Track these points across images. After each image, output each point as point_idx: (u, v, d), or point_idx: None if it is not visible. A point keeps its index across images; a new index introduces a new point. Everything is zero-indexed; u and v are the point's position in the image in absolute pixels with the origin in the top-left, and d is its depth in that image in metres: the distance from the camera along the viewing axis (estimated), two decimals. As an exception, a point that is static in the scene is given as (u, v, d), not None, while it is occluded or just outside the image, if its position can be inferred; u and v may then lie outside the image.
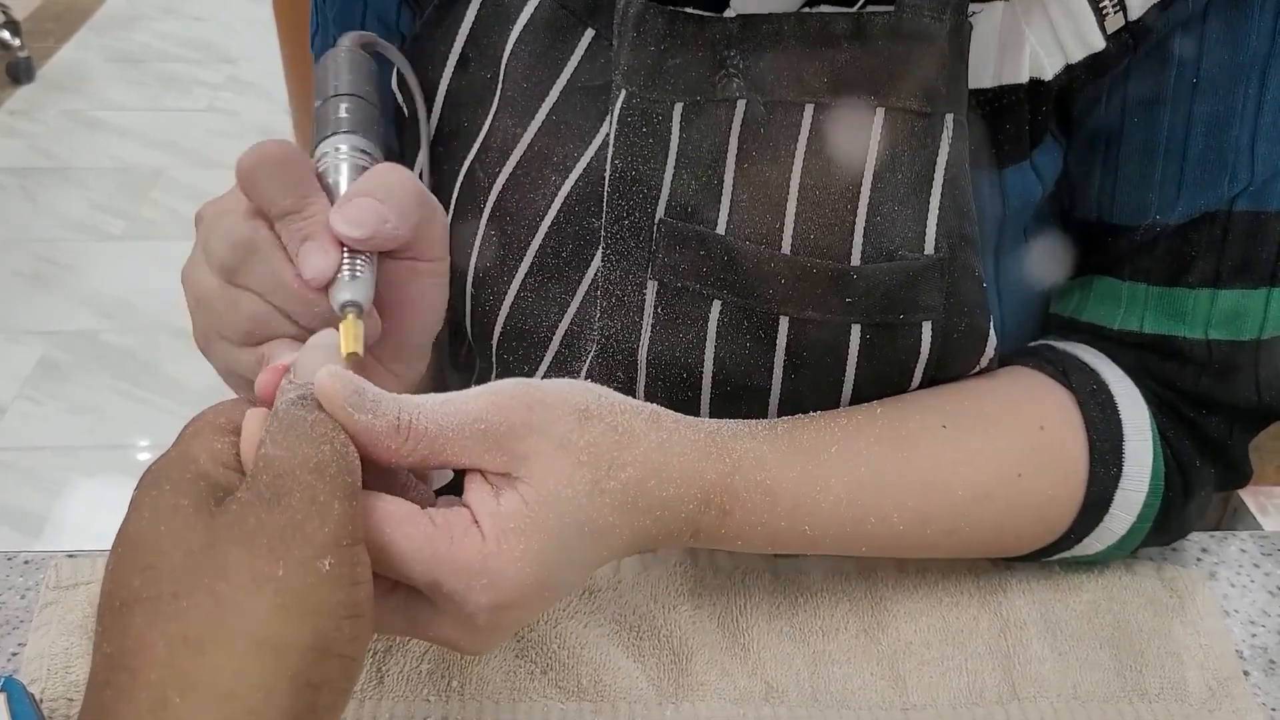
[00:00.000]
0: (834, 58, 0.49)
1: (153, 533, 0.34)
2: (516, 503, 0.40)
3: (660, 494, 0.44)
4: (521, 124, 0.55)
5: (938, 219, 0.49)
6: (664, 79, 0.50)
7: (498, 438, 0.40)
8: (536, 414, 0.41)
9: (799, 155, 0.50)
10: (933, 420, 0.51)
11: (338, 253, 0.42)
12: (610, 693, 0.51)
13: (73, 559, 0.57)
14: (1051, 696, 0.52)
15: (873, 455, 0.50)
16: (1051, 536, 0.54)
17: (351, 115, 0.49)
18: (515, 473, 0.41)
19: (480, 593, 0.39)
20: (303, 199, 0.43)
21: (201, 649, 0.32)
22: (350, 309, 0.42)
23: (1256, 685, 0.54)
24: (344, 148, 0.47)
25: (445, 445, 0.40)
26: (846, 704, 0.51)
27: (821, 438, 0.49)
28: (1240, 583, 0.60)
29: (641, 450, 0.43)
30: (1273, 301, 0.53)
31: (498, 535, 0.40)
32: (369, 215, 0.42)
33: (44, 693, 0.50)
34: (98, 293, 2.18)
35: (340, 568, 0.35)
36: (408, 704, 0.50)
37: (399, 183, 0.44)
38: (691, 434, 0.46)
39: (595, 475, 0.42)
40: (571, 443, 0.42)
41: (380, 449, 0.39)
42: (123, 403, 1.95)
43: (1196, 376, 0.55)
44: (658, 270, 0.52)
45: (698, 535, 0.47)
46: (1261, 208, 0.51)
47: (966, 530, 0.51)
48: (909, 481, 0.50)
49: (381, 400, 0.39)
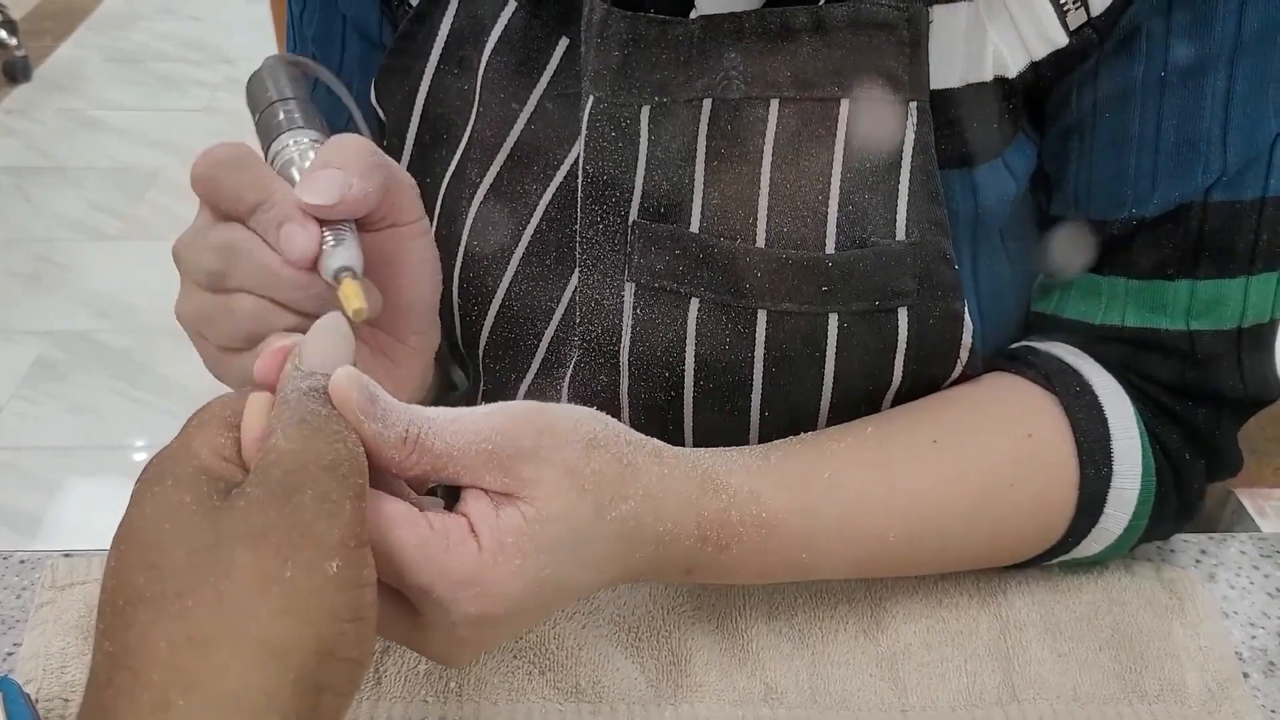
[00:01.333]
0: (796, 52, 0.50)
1: (156, 530, 0.34)
2: (517, 519, 0.40)
3: (657, 529, 0.44)
4: (500, 134, 0.55)
5: (908, 204, 0.50)
6: (630, 82, 0.51)
7: (503, 460, 0.40)
8: (545, 439, 0.41)
9: (768, 150, 0.50)
10: (922, 437, 0.52)
11: (316, 228, 0.42)
12: (609, 694, 0.51)
13: (69, 558, 0.57)
14: (1051, 698, 0.52)
15: (864, 479, 0.50)
16: (1048, 542, 0.54)
17: (291, 114, 0.48)
18: (519, 494, 0.41)
19: (469, 603, 0.39)
20: (265, 189, 0.43)
21: (205, 649, 0.31)
22: (344, 274, 0.42)
23: (1256, 687, 0.54)
24: (292, 142, 0.47)
25: (449, 463, 0.40)
26: (846, 705, 0.51)
27: (813, 465, 0.50)
28: (1240, 584, 0.59)
29: (643, 484, 0.44)
30: (1251, 289, 0.53)
31: (495, 548, 0.39)
32: (333, 181, 0.42)
33: (39, 692, 0.50)
34: (94, 292, 2.17)
35: (347, 570, 0.34)
36: (405, 705, 0.50)
37: (356, 148, 0.44)
38: (690, 470, 0.46)
39: (598, 504, 0.42)
40: (578, 470, 0.41)
41: (385, 459, 0.39)
42: (119, 403, 1.95)
43: (1180, 368, 0.55)
44: (634, 272, 0.52)
45: (691, 572, 0.47)
46: (1236, 197, 0.51)
47: (962, 544, 0.52)
48: (902, 502, 0.50)
49: (393, 410, 0.39)
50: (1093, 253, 0.55)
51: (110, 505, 1.31)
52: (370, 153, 0.44)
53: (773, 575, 0.50)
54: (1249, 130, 0.50)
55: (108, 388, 1.98)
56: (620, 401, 0.55)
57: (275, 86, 0.50)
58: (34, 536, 1.70)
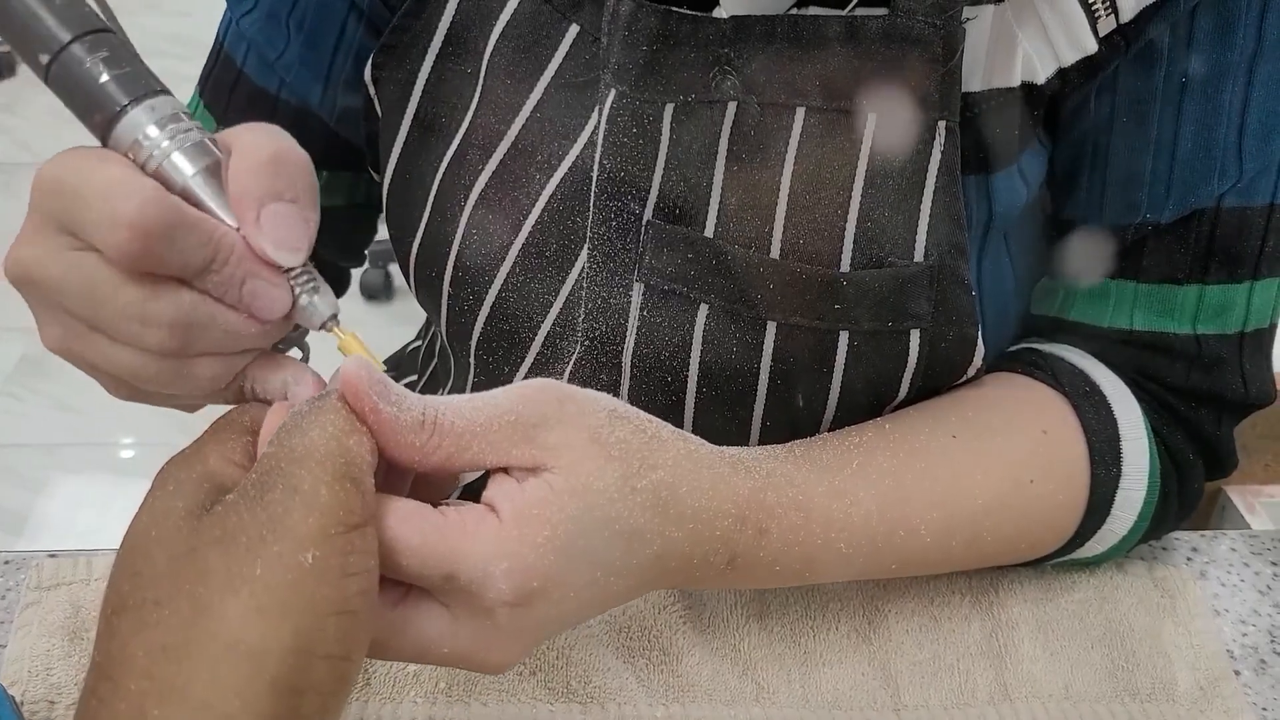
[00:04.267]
0: (826, 61, 0.49)
1: (144, 538, 0.34)
2: (543, 489, 0.38)
3: (692, 502, 0.42)
4: (505, 121, 0.54)
5: (928, 226, 0.49)
6: (655, 79, 0.50)
7: (528, 429, 0.39)
8: (568, 407, 0.40)
9: (789, 158, 0.49)
10: (941, 431, 0.51)
11: (284, 279, 0.39)
12: (600, 694, 0.50)
13: (54, 558, 0.56)
14: (1043, 697, 0.52)
15: (893, 467, 0.49)
16: (1059, 541, 0.54)
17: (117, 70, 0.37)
18: (545, 464, 0.39)
19: (501, 578, 0.37)
20: (215, 245, 0.37)
21: (178, 657, 0.31)
22: (333, 324, 0.40)
23: (1247, 684, 0.54)
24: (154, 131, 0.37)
25: (472, 441, 0.38)
26: (838, 705, 0.51)
27: (841, 455, 0.49)
28: (1230, 582, 0.59)
29: (671, 455, 0.42)
30: (1255, 294, 0.53)
31: (518, 519, 0.38)
32: (297, 229, 0.38)
33: (24, 695, 0.50)
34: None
35: (327, 560, 0.33)
36: (394, 706, 0.50)
37: (292, 164, 0.38)
38: (716, 452, 0.45)
39: (626, 471, 0.40)
40: (602, 438, 0.40)
41: (404, 445, 0.37)
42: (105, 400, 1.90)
43: (1186, 371, 0.55)
44: (644, 272, 0.51)
45: (734, 561, 0.44)
46: (1247, 203, 0.51)
47: (987, 540, 0.51)
48: (931, 491, 0.49)
49: (407, 396, 0.38)
50: (1105, 257, 0.55)
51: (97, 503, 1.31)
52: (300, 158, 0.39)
53: (813, 568, 0.47)
54: (1265, 138, 0.50)
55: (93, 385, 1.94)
56: None
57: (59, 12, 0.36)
58: (20, 535, 1.69)
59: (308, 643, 0.32)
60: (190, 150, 0.38)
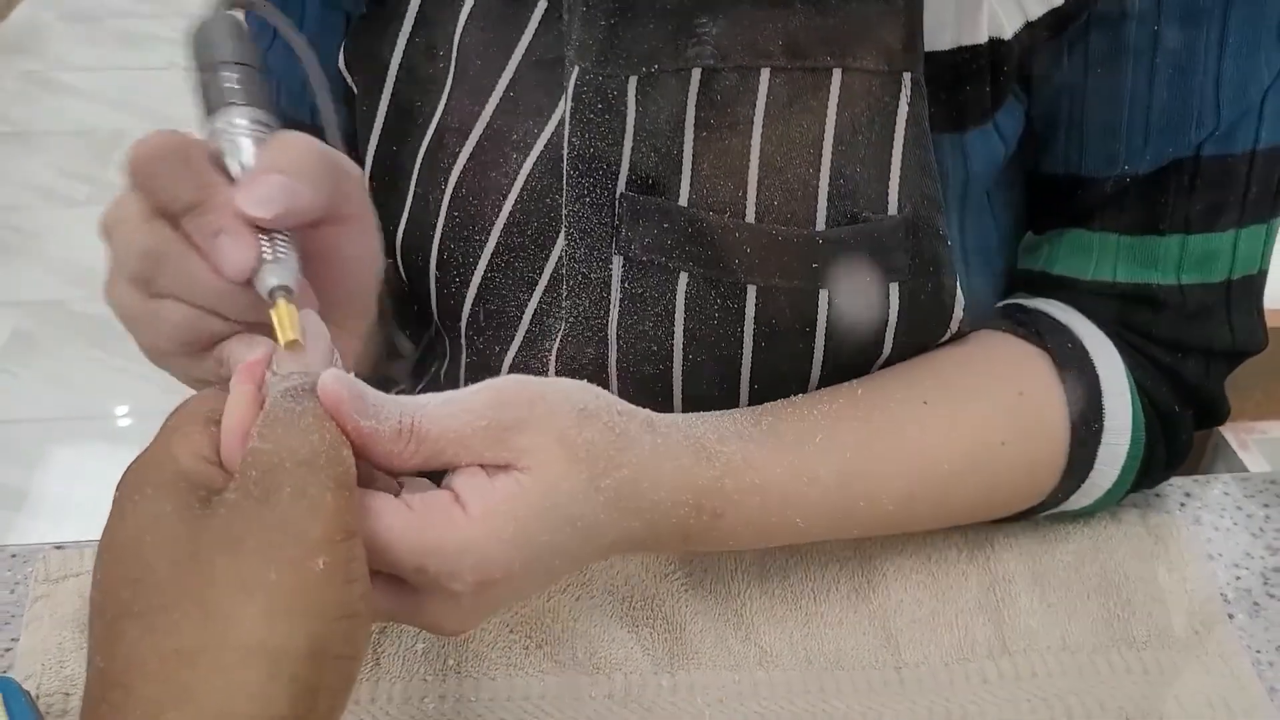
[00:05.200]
0: (789, 19, 0.49)
1: (137, 543, 0.34)
2: (511, 486, 0.40)
3: (652, 497, 0.44)
4: (479, 102, 0.54)
5: (900, 179, 0.49)
6: (616, 53, 0.50)
7: (500, 433, 0.40)
8: (538, 409, 0.41)
9: (758, 121, 0.49)
10: (913, 397, 0.52)
11: (254, 241, 0.40)
12: (605, 664, 0.51)
13: (61, 550, 0.57)
14: (1041, 649, 0.53)
15: (857, 440, 0.50)
16: (1039, 498, 0.54)
17: (242, 86, 0.45)
18: (515, 464, 0.41)
19: (468, 572, 0.39)
20: (204, 189, 0.40)
21: (194, 661, 0.31)
22: (279, 293, 0.40)
23: (1241, 627, 0.55)
24: (239, 122, 0.44)
25: (448, 445, 0.40)
26: (840, 665, 0.52)
27: (805, 427, 0.50)
28: (1223, 526, 0.60)
29: (636, 453, 0.44)
30: (1240, 242, 0.53)
31: (485, 514, 0.40)
32: (278, 192, 0.40)
33: (40, 688, 0.50)
34: (66, 261, 2.14)
35: (335, 566, 0.34)
36: (405, 684, 0.51)
37: (303, 150, 0.42)
38: (682, 439, 0.46)
39: (592, 473, 0.42)
40: (570, 440, 0.42)
41: (383, 453, 0.39)
42: (98, 371, 1.93)
43: (1171, 322, 0.55)
44: (622, 245, 0.52)
45: (688, 539, 0.47)
46: (1228, 151, 0.51)
47: (955, 502, 0.52)
48: (895, 462, 0.50)
49: (384, 404, 0.39)
50: (1083, 209, 0.55)
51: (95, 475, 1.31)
52: (318, 154, 0.42)
53: (769, 540, 0.50)
54: (1241, 85, 0.49)
55: (85, 357, 1.96)
56: (609, 374, 0.54)
57: (224, 45, 0.46)
58: (19, 510, 1.69)
59: (321, 645, 0.33)
60: (249, 142, 0.43)
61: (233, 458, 0.37)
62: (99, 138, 2.49)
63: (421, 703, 0.50)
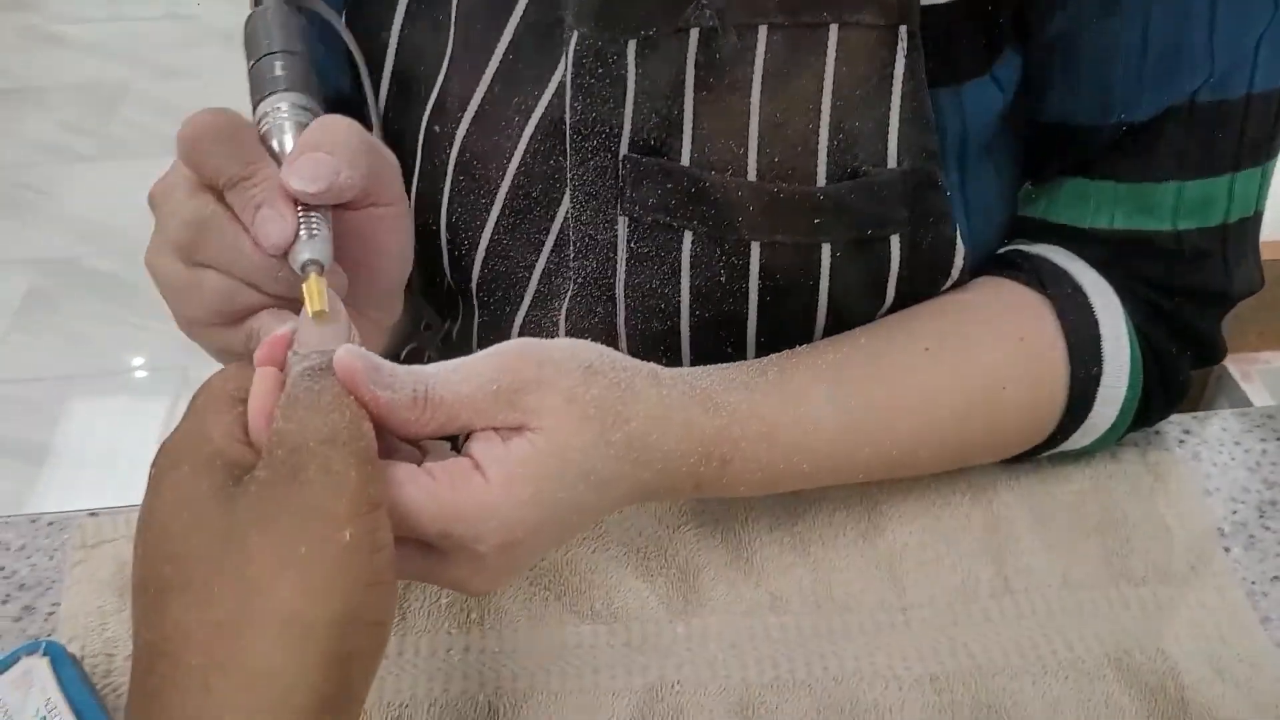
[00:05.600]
0: None
1: (176, 521, 0.36)
2: (526, 449, 0.42)
3: (662, 447, 0.45)
4: (478, 69, 0.55)
5: (899, 133, 0.50)
6: (615, 17, 0.50)
7: (510, 395, 0.42)
8: (545, 370, 0.43)
9: (756, 79, 0.50)
10: (916, 344, 0.53)
11: (294, 216, 0.42)
12: (623, 614, 0.53)
13: (95, 517, 0.59)
14: (1042, 587, 0.55)
15: (861, 388, 0.51)
16: (1038, 439, 0.56)
17: (288, 73, 0.48)
18: (527, 425, 0.42)
19: (492, 534, 0.41)
20: (250, 165, 0.43)
21: (236, 633, 0.33)
22: (311, 267, 0.42)
23: (1237, 560, 0.57)
24: (284, 106, 0.47)
25: (461, 410, 0.41)
26: (848, 608, 0.54)
27: (810, 376, 0.51)
28: (1221, 461, 0.62)
29: (643, 405, 0.45)
30: (1236, 185, 0.54)
31: (505, 479, 0.41)
32: (322, 169, 0.42)
33: (84, 649, 0.53)
34: (76, 217, 2.15)
35: (360, 537, 0.36)
36: (430, 637, 0.53)
37: (345, 132, 0.44)
38: (688, 390, 0.47)
39: (602, 427, 0.43)
40: (578, 397, 0.43)
41: (400, 421, 0.40)
42: (114, 327, 1.95)
43: (1169, 267, 0.56)
44: (626, 207, 0.53)
45: (700, 487, 0.48)
46: (1224, 97, 0.51)
47: (957, 446, 0.54)
48: (898, 409, 0.52)
49: (397, 374, 0.40)
50: (1081, 158, 0.55)
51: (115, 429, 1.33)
52: (359, 136, 0.44)
53: (776, 486, 0.52)
54: (1236, 32, 0.49)
55: (100, 313, 1.98)
56: (618, 332, 0.56)
57: (274, 35, 0.49)
58: (42, 465, 1.72)
59: (353, 613, 0.35)
60: (293, 125, 0.46)
61: (260, 437, 0.39)
62: (103, 91, 2.48)
63: (447, 654, 0.52)
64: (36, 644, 0.49)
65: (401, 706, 0.50)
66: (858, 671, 0.51)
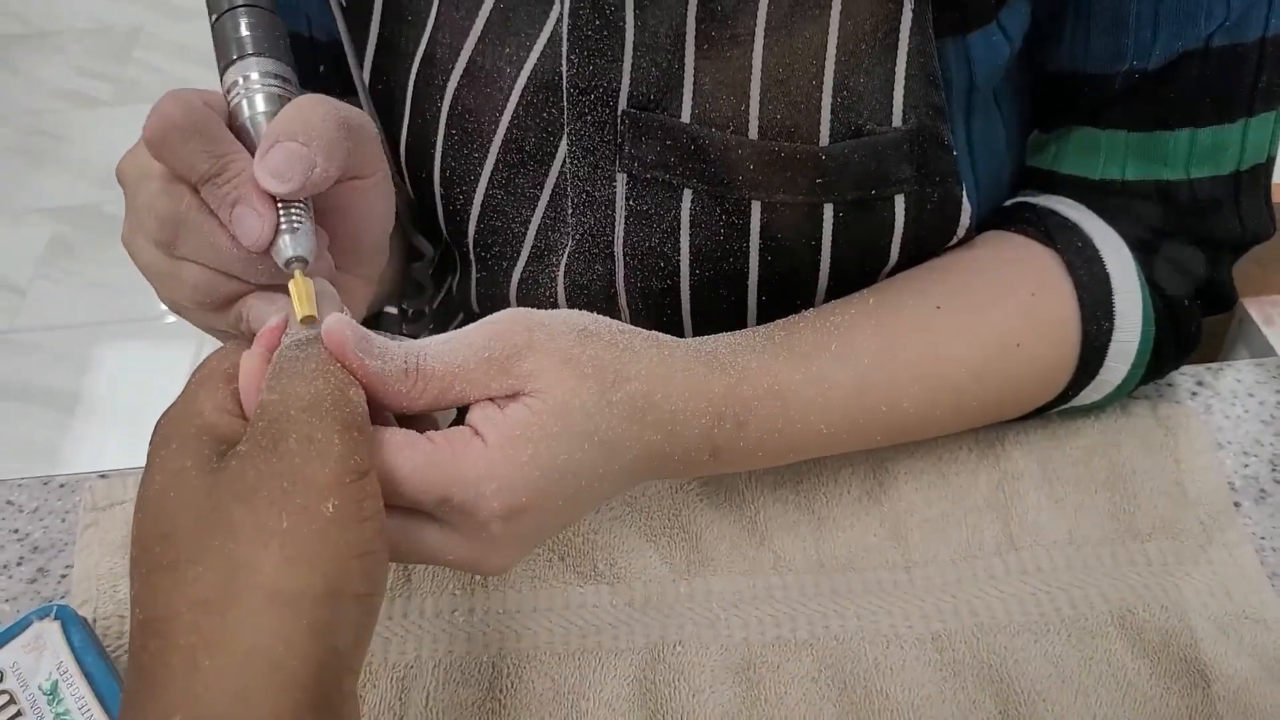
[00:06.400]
0: None
1: (164, 499, 0.36)
2: (523, 412, 0.41)
3: (668, 407, 0.44)
4: (469, 17, 0.54)
5: (904, 89, 0.49)
6: None
7: (503, 362, 0.41)
8: (538, 334, 0.42)
9: (759, 33, 0.49)
10: (926, 303, 0.52)
11: (272, 211, 0.41)
12: (626, 574, 0.54)
13: (105, 479, 0.60)
14: (1047, 544, 0.54)
15: (873, 348, 0.50)
16: (1050, 395, 0.55)
17: (255, 32, 0.45)
18: (523, 390, 0.41)
19: (492, 497, 0.39)
20: (221, 159, 0.41)
21: (221, 610, 0.34)
22: (295, 265, 0.41)
23: (1247, 515, 0.56)
24: (255, 75, 0.44)
25: (454, 381, 0.40)
26: (852, 567, 0.54)
27: (820, 338, 0.50)
28: (1234, 414, 0.61)
29: (644, 365, 0.44)
30: (1250, 131, 0.53)
31: (503, 441, 0.40)
32: (296, 164, 0.40)
33: (96, 611, 0.54)
34: (94, 164, 2.15)
35: (346, 507, 0.35)
36: (435, 598, 0.53)
37: (320, 117, 0.42)
38: (691, 352, 0.46)
39: (601, 386, 0.42)
40: (574, 357, 0.42)
41: (391, 394, 0.40)
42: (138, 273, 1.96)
43: (1180, 216, 0.55)
44: (625, 162, 0.52)
45: (717, 453, 0.47)
46: (1238, 40, 0.50)
47: (972, 405, 0.53)
48: (912, 367, 0.50)
49: (388, 347, 0.40)
50: (1091, 107, 0.54)
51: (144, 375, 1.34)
52: (335, 119, 0.42)
53: (796, 451, 0.50)
54: None
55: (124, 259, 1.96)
56: (617, 290, 0.55)
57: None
58: (72, 414, 1.75)
59: (338, 585, 0.35)
60: (263, 98, 0.44)
61: (251, 409, 0.39)
62: (117, 34, 2.46)
63: (452, 615, 0.53)
64: (48, 608, 0.50)
65: (406, 668, 0.51)
66: (860, 631, 0.52)
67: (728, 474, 0.57)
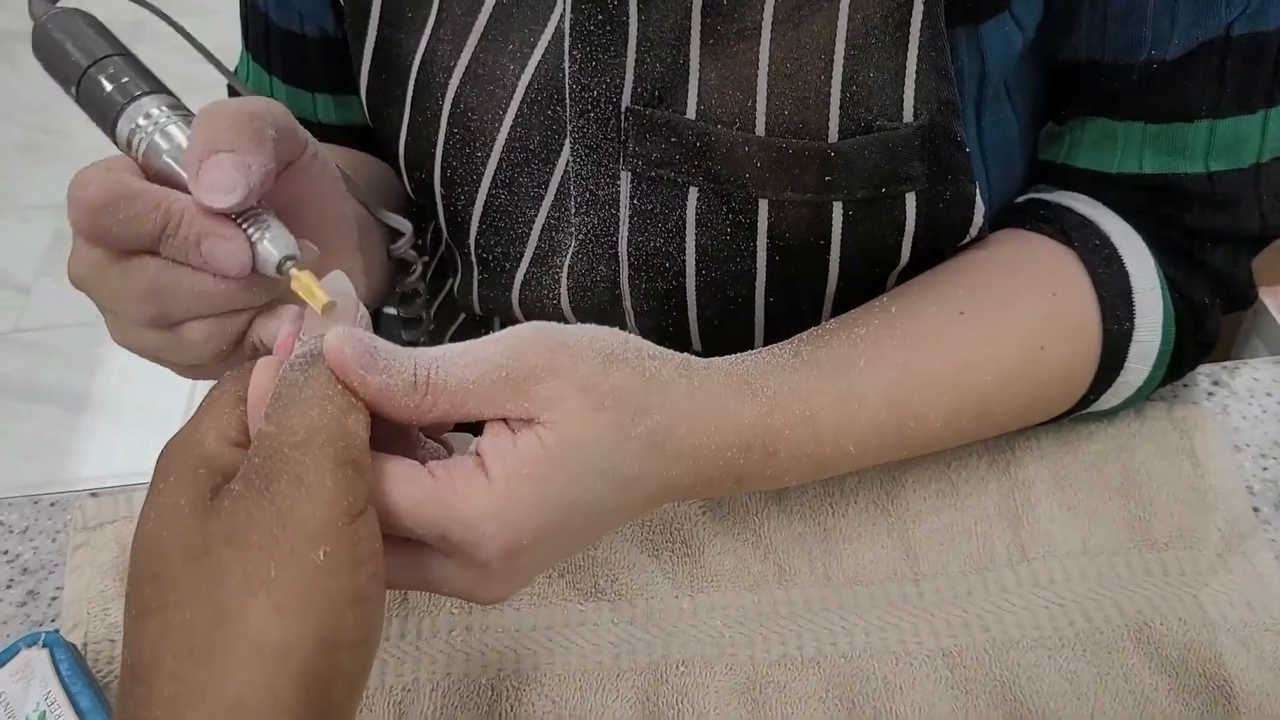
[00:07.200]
0: None
1: (157, 537, 0.34)
2: (534, 446, 0.38)
3: (692, 441, 0.42)
4: (471, 14, 0.52)
5: (916, 84, 0.47)
6: None
7: (519, 383, 0.38)
8: (560, 357, 0.39)
9: (766, 25, 0.47)
10: (949, 309, 0.50)
11: (237, 230, 0.39)
12: (627, 590, 0.52)
13: (96, 498, 0.58)
14: (1060, 554, 0.53)
15: (900, 358, 0.48)
16: (1073, 400, 0.53)
17: (129, 76, 0.42)
18: (538, 417, 0.39)
19: (491, 539, 0.37)
20: (160, 208, 0.38)
21: (207, 660, 0.32)
22: (289, 264, 0.39)
23: (1266, 520, 0.55)
24: (155, 111, 0.41)
25: (467, 398, 0.38)
26: (859, 580, 0.53)
27: (846, 353, 0.48)
28: (1251, 414, 0.59)
29: (670, 397, 0.41)
30: (1270, 122, 0.51)
31: (508, 478, 0.38)
32: (233, 172, 0.38)
33: (87, 635, 0.53)
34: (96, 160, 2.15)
35: (338, 553, 0.34)
36: (432, 618, 0.52)
37: (230, 120, 0.39)
38: (723, 379, 0.44)
39: (619, 420, 0.39)
40: (595, 387, 0.39)
41: (399, 408, 0.37)
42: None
43: (1199, 212, 0.53)
44: (629, 161, 0.50)
45: (740, 481, 0.45)
46: (1259, 28, 0.48)
47: (999, 413, 0.51)
48: (940, 376, 0.49)
49: (396, 357, 0.37)
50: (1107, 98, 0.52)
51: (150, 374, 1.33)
52: (244, 114, 0.39)
53: (822, 471, 0.48)
54: None
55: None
56: (621, 290, 0.54)
57: (79, 45, 0.43)
58: (81, 413, 1.74)
59: (330, 634, 0.33)
60: (176, 128, 0.41)
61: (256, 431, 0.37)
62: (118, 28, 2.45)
63: (449, 635, 0.51)
64: (35, 635, 0.49)
65: (404, 690, 0.50)
66: (868, 647, 0.50)
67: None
